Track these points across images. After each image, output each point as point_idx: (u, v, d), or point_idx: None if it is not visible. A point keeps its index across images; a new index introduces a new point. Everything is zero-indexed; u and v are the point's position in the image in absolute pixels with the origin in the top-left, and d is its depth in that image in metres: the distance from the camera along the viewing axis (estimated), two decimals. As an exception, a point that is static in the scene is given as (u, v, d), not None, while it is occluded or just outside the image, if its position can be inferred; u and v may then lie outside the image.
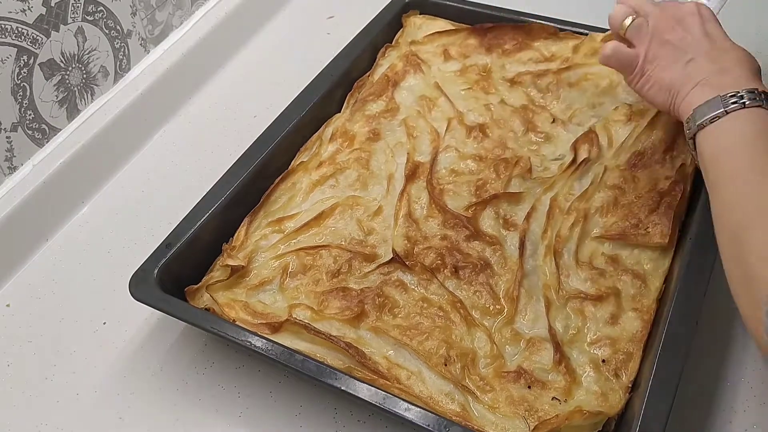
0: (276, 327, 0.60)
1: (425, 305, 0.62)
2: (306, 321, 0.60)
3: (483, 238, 0.66)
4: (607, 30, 0.82)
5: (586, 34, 0.83)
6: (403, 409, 0.53)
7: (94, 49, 0.81)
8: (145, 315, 0.67)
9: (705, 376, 0.60)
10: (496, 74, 0.82)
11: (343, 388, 0.54)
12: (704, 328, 0.61)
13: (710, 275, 0.58)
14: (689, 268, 0.59)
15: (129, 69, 0.87)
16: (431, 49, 0.86)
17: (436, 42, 0.87)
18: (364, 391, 0.54)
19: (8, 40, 0.70)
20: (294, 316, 0.61)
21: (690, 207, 0.67)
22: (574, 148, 0.72)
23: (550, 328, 0.60)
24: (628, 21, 0.67)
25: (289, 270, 0.65)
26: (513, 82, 0.81)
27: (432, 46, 0.86)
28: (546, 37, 0.84)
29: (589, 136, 0.73)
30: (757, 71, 0.61)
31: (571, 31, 0.84)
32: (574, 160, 0.71)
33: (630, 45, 0.67)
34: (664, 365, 0.53)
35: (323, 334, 0.59)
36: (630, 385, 0.56)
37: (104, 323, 0.69)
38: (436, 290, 0.63)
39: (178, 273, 0.64)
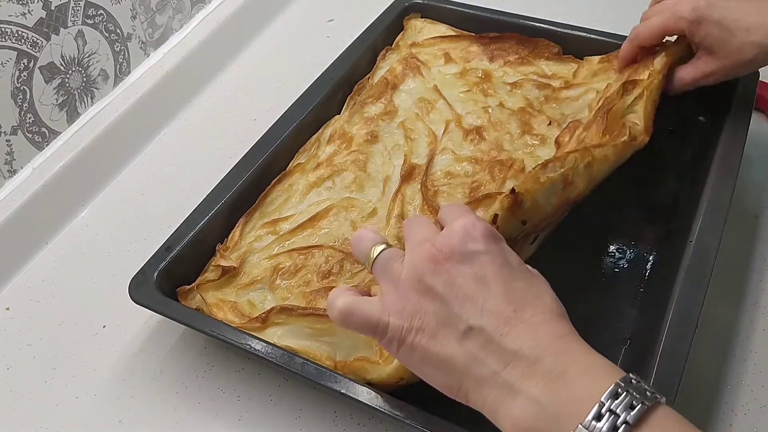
0: (263, 319, 0.60)
1: None
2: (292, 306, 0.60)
3: None
4: (611, 34, 0.82)
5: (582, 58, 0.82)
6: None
7: (94, 53, 0.81)
8: (145, 318, 0.67)
9: (705, 379, 0.60)
10: (497, 78, 0.82)
11: (343, 391, 0.54)
12: (704, 332, 0.61)
13: (710, 279, 0.58)
14: (689, 271, 0.59)
15: (129, 72, 0.87)
16: (432, 52, 0.86)
17: (437, 46, 0.87)
18: (364, 395, 0.54)
19: (8, 43, 0.70)
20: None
21: (688, 210, 0.67)
22: (558, 142, 0.71)
23: None
24: (377, 250, 0.47)
25: (280, 270, 0.65)
26: (514, 85, 0.81)
27: (433, 49, 0.86)
28: (549, 57, 0.83)
29: (570, 126, 0.71)
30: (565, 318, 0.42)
31: (576, 35, 0.83)
32: None
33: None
34: (664, 369, 0.53)
35: (310, 308, 0.59)
36: None
37: (104, 326, 0.69)
38: None
39: (178, 276, 0.64)
